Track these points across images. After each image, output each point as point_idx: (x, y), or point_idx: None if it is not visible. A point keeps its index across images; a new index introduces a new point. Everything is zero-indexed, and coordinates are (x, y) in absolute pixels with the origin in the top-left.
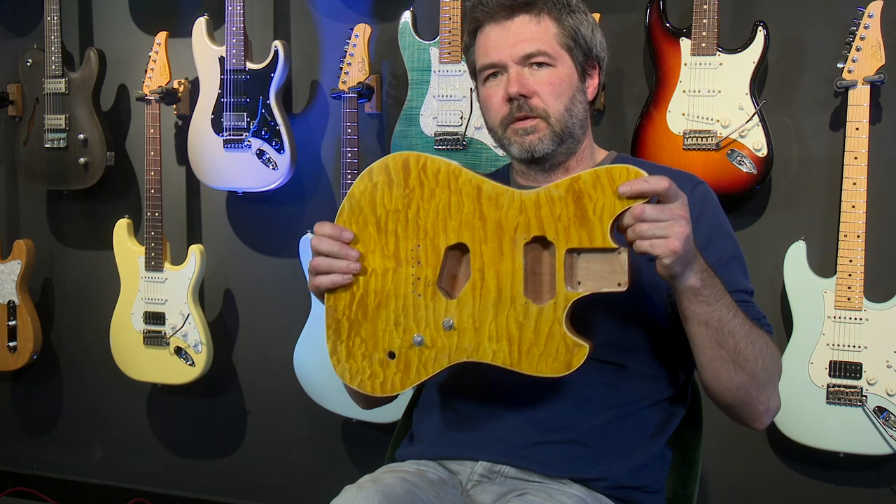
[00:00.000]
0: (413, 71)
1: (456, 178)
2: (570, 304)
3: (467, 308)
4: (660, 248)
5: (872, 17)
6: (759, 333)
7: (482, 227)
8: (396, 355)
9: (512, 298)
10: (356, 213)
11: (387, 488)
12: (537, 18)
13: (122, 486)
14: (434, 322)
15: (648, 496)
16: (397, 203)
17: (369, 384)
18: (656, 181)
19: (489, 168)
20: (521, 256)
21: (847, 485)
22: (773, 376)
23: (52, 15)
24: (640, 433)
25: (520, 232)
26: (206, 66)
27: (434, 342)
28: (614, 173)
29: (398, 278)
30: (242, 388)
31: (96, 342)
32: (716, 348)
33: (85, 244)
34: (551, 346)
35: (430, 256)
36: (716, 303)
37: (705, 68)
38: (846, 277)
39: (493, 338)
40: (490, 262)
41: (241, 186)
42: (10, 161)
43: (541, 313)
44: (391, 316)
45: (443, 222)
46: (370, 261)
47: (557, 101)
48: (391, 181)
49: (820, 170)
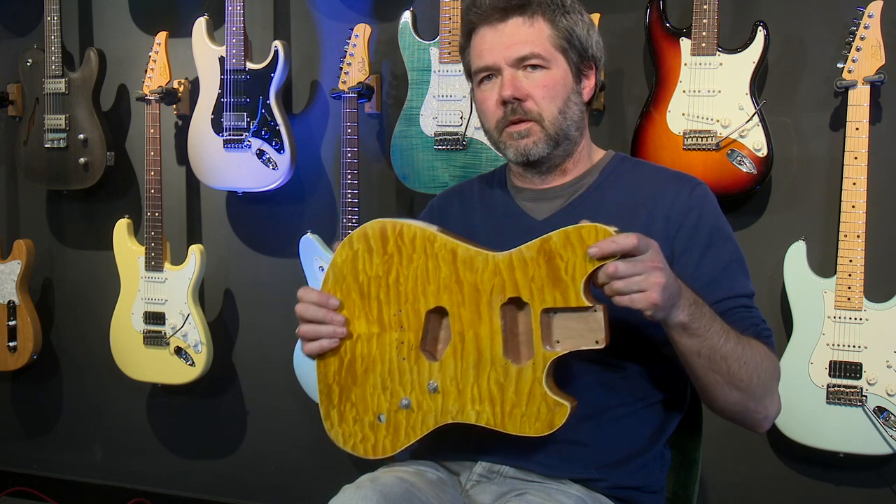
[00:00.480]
0: (413, 71)
1: (431, 244)
2: (548, 364)
3: (449, 371)
4: (640, 303)
5: (872, 17)
6: (753, 351)
7: (459, 291)
8: (386, 418)
9: (492, 360)
10: (339, 280)
11: (385, 488)
12: (531, 20)
13: (122, 486)
14: (419, 385)
15: (648, 496)
16: (378, 270)
17: (361, 447)
18: (624, 239)
19: (489, 168)
20: (499, 318)
21: (847, 485)
22: (769, 387)
23: (52, 15)
24: (640, 433)
25: (496, 294)
26: (206, 66)
27: (420, 405)
28: (583, 233)
29: (383, 343)
30: (242, 388)
31: (96, 342)
32: (709, 374)
33: (85, 244)
34: (532, 407)
35: (411, 321)
36: (706, 333)
37: (705, 68)
38: (846, 277)
39: (475, 399)
40: (469, 325)
41: (241, 186)
42: (10, 161)
43: (521, 374)
44: (378, 380)
45: (422, 287)
46: (356, 326)
47: (551, 104)
48: (370, 248)
49: (820, 170)
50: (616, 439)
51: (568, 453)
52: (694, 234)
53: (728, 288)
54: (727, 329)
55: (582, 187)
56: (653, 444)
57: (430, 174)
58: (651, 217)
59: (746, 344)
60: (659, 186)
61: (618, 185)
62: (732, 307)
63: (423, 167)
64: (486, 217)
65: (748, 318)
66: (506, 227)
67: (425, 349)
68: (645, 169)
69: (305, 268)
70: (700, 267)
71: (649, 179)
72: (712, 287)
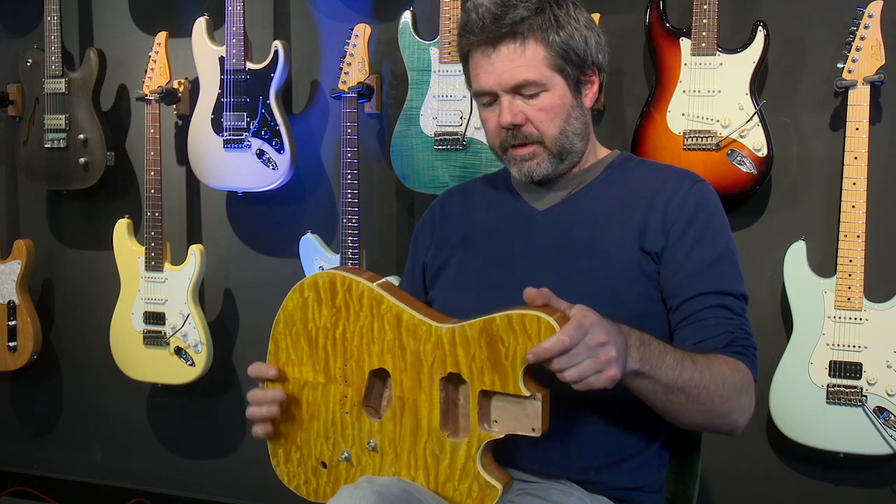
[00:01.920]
0: (413, 71)
1: (378, 304)
2: (483, 444)
3: (388, 433)
4: (599, 383)
5: (872, 17)
6: (713, 371)
7: (402, 357)
8: (327, 466)
9: (429, 430)
10: (290, 325)
11: (383, 488)
12: (523, 47)
13: (122, 486)
14: (359, 441)
15: (647, 496)
16: (326, 321)
17: (304, 489)
18: (556, 344)
19: (488, 168)
20: (438, 390)
21: (847, 485)
22: (734, 402)
23: (52, 15)
24: (638, 433)
25: (436, 366)
26: (206, 66)
27: (359, 460)
28: (526, 322)
29: (328, 394)
30: (242, 388)
31: (96, 342)
32: (667, 405)
33: (85, 244)
34: (465, 484)
35: (355, 377)
36: (658, 372)
37: (705, 68)
38: (846, 277)
39: (411, 466)
40: (409, 392)
41: (241, 186)
42: (10, 161)
43: (456, 449)
44: (322, 428)
45: (367, 346)
46: (303, 373)
47: (551, 126)
48: (320, 299)
49: (820, 170)
50: (614, 439)
51: (567, 454)
52: (687, 227)
53: (711, 283)
54: (680, 358)
55: (585, 181)
56: (651, 443)
57: (430, 174)
58: (650, 209)
59: (705, 366)
60: (661, 182)
61: (620, 181)
62: (711, 305)
63: (423, 167)
64: (488, 209)
65: (723, 324)
66: (507, 217)
67: (368, 405)
68: (649, 166)
69: (305, 268)
70: (687, 259)
71: (652, 175)
72: (695, 279)
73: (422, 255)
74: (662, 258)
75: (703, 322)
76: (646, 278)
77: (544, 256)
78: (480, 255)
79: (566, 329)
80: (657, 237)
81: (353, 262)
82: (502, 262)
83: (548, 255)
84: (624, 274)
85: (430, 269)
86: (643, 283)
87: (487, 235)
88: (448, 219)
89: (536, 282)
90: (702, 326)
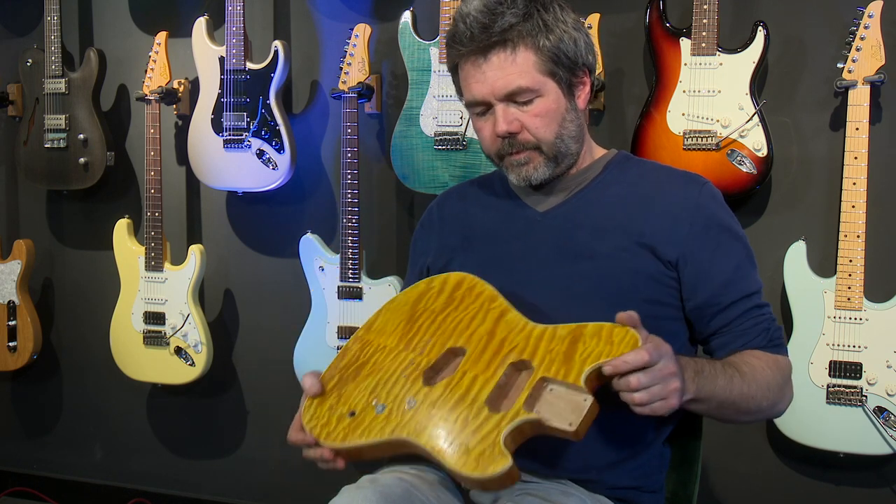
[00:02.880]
0: (413, 71)
1: (491, 301)
2: (518, 421)
3: (433, 397)
4: (660, 410)
5: (872, 17)
6: (759, 377)
7: (487, 342)
8: (355, 414)
9: (473, 400)
10: (402, 304)
11: (385, 488)
12: (513, 54)
13: (122, 486)
14: (401, 398)
15: (647, 496)
16: (436, 307)
17: (318, 430)
18: (635, 358)
19: (488, 169)
20: (501, 372)
21: (847, 485)
22: (778, 399)
23: (52, 15)
24: (639, 432)
25: (514, 353)
26: (206, 66)
27: (390, 414)
28: (615, 332)
29: (398, 358)
30: (242, 388)
31: (96, 342)
32: (716, 415)
33: (85, 244)
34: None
35: (434, 350)
36: (712, 395)
37: (705, 68)
38: (846, 277)
39: (437, 426)
40: (473, 368)
41: (241, 186)
42: (10, 161)
43: (488, 419)
44: (372, 383)
45: (460, 329)
46: (387, 340)
47: (547, 131)
48: (442, 291)
49: (820, 170)
50: (615, 439)
51: (567, 453)
52: (705, 236)
53: (742, 288)
54: (730, 376)
55: (585, 181)
56: (652, 443)
57: (430, 174)
58: (656, 213)
59: (750, 375)
60: (665, 184)
61: (620, 181)
62: (746, 309)
63: (423, 167)
64: (487, 211)
65: (760, 323)
66: (507, 219)
67: (429, 372)
68: (649, 166)
69: (305, 268)
70: (713, 267)
71: (654, 177)
72: (727, 289)
73: (422, 258)
74: (682, 269)
75: (741, 328)
76: (649, 280)
77: (545, 258)
78: (481, 258)
79: (647, 348)
80: (669, 246)
81: (353, 262)
82: (503, 265)
83: (549, 257)
84: (626, 275)
85: (432, 272)
86: (645, 284)
87: (488, 238)
88: (446, 221)
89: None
90: (742, 332)
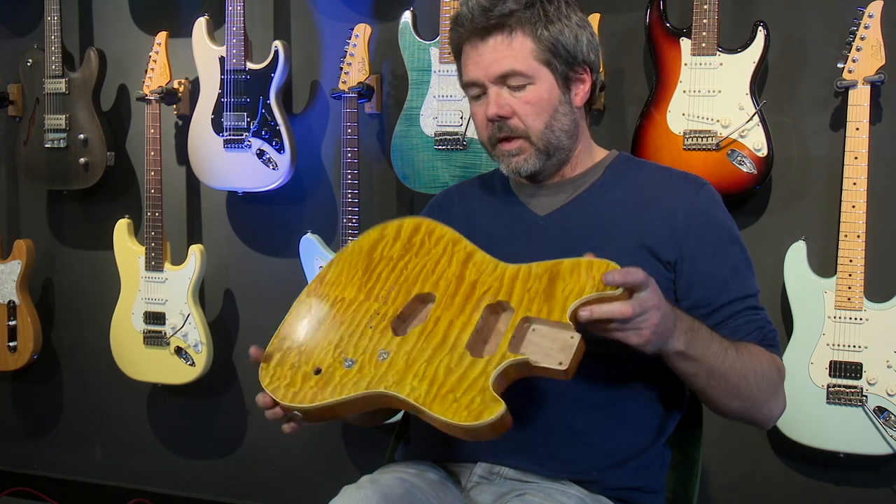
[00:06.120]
0: (413, 71)
1: (454, 245)
2: (505, 363)
3: (407, 346)
4: (633, 339)
5: (873, 17)
6: (753, 361)
7: (456, 285)
8: (321, 371)
9: (453, 346)
10: (355, 253)
11: (385, 488)
12: (510, 38)
13: (122, 486)
14: (371, 350)
15: (648, 496)
16: (394, 254)
17: (282, 392)
18: (634, 275)
19: (489, 168)
20: (479, 315)
21: (847, 485)
22: (772, 392)
23: (53, 15)
24: (640, 432)
25: (488, 294)
26: (206, 66)
27: (362, 368)
28: (594, 267)
29: (359, 309)
30: (242, 388)
31: (96, 342)
32: (708, 389)
33: (85, 244)
34: (467, 396)
35: (399, 298)
36: (702, 357)
37: (705, 68)
38: (846, 277)
39: (417, 376)
40: (448, 313)
41: (241, 186)
42: (11, 161)
43: (473, 364)
44: (335, 338)
45: (424, 274)
46: (345, 291)
47: (537, 120)
48: (398, 237)
49: (820, 170)
50: (615, 439)
51: (567, 454)
52: (704, 237)
53: (737, 290)
54: (725, 347)
55: (585, 184)
56: (652, 443)
57: (431, 174)
58: (655, 215)
59: (746, 355)
60: (664, 185)
61: (621, 183)
62: (740, 309)
63: (424, 167)
64: (488, 213)
65: (754, 321)
66: (508, 222)
67: (397, 321)
68: (649, 168)
69: (305, 268)
70: (711, 268)
71: (654, 178)
72: (723, 289)
73: None
74: (680, 270)
75: (734, 325)
76: None
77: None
78: None
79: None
80: (669, 247)
81: None
82: None
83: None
84: None
85: None
86: None
87: (488, 240)
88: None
89: None
90: (735, 329)
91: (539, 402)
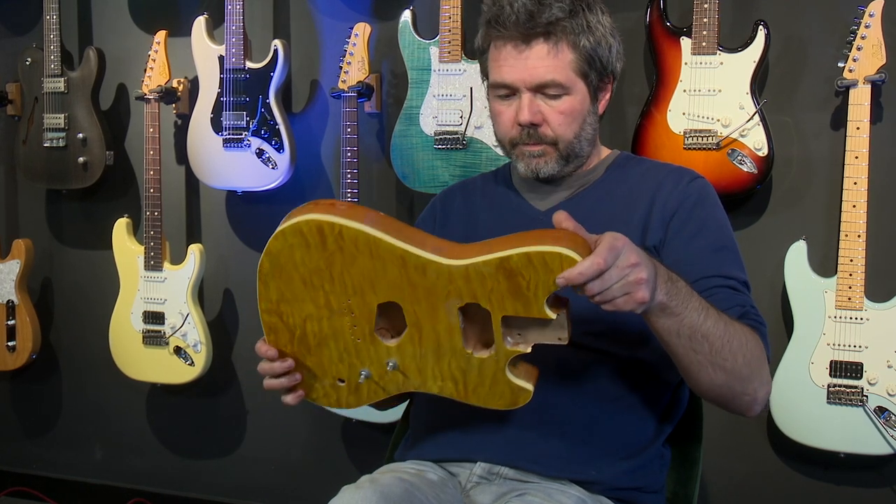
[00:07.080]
0: (413, 70)
1: (376, 247)
2: (510, 358)
3: (408, 353)
4: (628, 306)
5: (873, 16)
6: (735, 328)
7: (412, 291)
8: (346, 381)
9: (452, 350)
10: (277, 267)
11: (385, 488)
12: (555, 48)
13: (121, 486)
14: (378, 361)
15: (648, 496)
16: (318, 263)
17: (325, 401)
18: (590, 267)
19: (489, 167)
20: (456, 317)
21: (847, 485)
22: (756, 368)
23: (52, 14)
24: (640, 432)
25: (452, 298)
26: (205, 66)
27: (381, 377)
28: (547, 259)
29: (335, 323)
30: (242, 388)
31: (96, 342)
32: (691, 354)
33: (84, 244)
34: (496, 389)
35: (362, 310)
36: (684, 311)
37: (706, 67)
38: (847, 277)
39: (437, 378)
40: (425, 320)
41: (241, 186)
42: (10, 160)
43: (483, 364)
44: (334, 353)
45: (369, 284)
46: (304, 308)
47: (568, 129)
48: (308, 244)
49: (821, 169)
50: (615, 439)
51: (567, 454)
52: (687, 220)
53: (714, 267)
54: (706, 305)
55: (588, 182)
56: (652, 443)
57: (430, 173)
58: (650, 207)
59: (728, 321)
60: (659, 179)
61: (622, 181)
62: (717, 285)
63: (423, 166)
64: (490, 209)
65: (734, 298)
66: (509, 218)
67: (380, 331)
68: (648, 164)
69: None
70: (689, 246)
71: (651, 175)
72: (696, 264)
73: None
74: (662, 250)
75: (714, 298)
76: None
77: None
78: None
79: (600, 251)
80: (657, 231)
81: None
82: None
83: None
84: None
85: None
86: None
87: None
88: (449, 217)
89: None
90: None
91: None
